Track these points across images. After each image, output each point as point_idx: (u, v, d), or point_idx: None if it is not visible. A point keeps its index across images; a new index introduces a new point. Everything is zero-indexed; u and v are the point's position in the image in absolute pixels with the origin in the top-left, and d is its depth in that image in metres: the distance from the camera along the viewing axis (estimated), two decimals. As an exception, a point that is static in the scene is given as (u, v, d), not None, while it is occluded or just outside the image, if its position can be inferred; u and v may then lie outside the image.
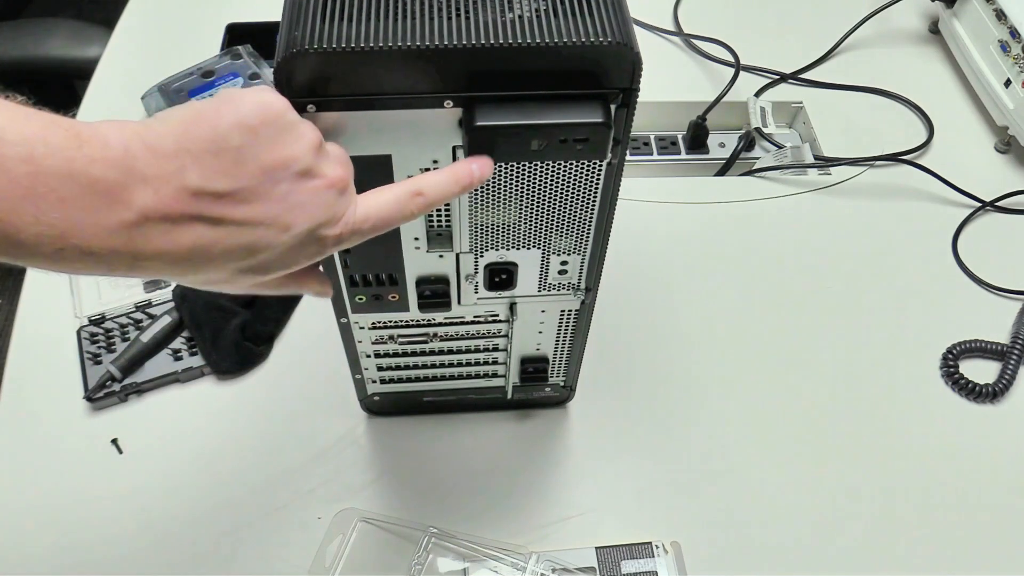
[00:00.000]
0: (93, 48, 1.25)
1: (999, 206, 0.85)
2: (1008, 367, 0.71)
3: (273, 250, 0.35)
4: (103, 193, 0.30)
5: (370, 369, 0.61)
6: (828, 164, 0.88)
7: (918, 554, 0.62)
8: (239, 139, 0.33)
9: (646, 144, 0.94)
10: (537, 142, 0.40)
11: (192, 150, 0.32)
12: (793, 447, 0.67)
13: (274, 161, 0.34)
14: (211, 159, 0.32)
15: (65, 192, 0.29)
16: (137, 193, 0.31)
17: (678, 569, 0.60)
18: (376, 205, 0.38)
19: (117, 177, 0.30)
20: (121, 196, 0.31)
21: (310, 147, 0.35)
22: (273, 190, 0.34)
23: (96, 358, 0.69)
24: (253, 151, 0.33)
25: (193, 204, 0.32)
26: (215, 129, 0.32)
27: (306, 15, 0.38)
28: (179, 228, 0.32)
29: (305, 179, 0.35)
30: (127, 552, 0.60)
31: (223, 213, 0.33)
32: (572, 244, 0.50)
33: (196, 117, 0.33)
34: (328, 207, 0.36)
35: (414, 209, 0.39)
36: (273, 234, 0.35)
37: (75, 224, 0.30)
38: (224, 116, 0.33)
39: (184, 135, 0.32)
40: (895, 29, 1.04)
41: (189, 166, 0.32)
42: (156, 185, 0.31)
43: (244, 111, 0.33)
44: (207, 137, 0.32)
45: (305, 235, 0.36)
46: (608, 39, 0.38)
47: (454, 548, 0.60)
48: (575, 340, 0.60)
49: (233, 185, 0.33)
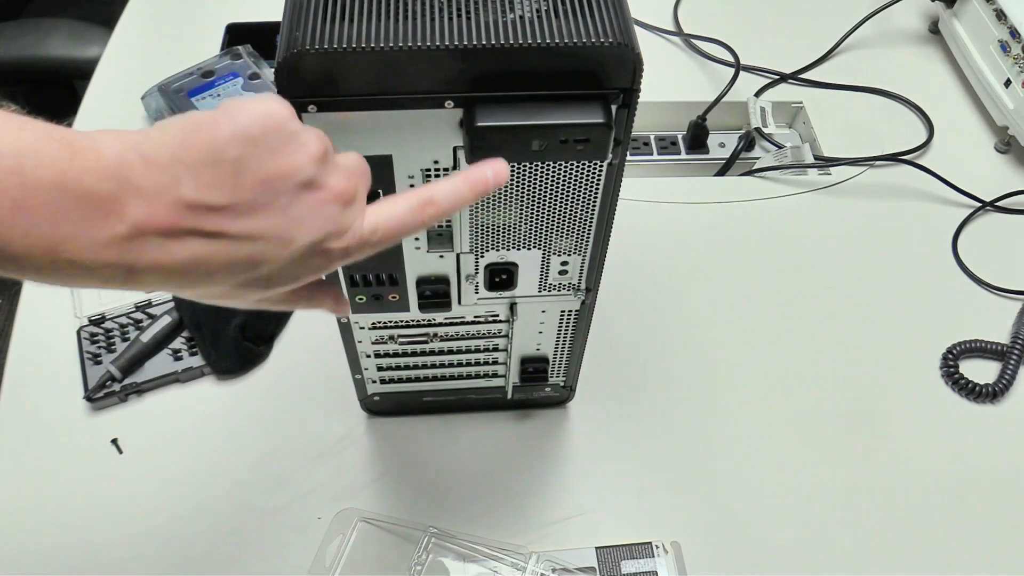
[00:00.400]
0: (93, 48, 1.25)
1: (999, 206, 0.85)
2: (1008, 367, 0.71)
3: (274, 264, 0.34)
4: (96, 205, 0.29)
5: (370, 369, 0.61)
6: (828, 164, 0.88)
7: (918, 554, 0.62)
8: (237, 150, 0.31)
9: (646, 144, 0.94)
10: (538, 142, 0.40)
11: (188, 161, 0.31)
12: (793, 447, 0.68)
13: (274, 173, 0.32)
14: (207, 171, 0.31)
15: (56, 204, 0.29)
16: (130, 205, 0.30)
17: (678, 569, 0.60)
18: (386, 216, 0.36)
19: (110, 189, 0.30)
20: (114, 208, 0.30)
21: (313, 158, 0.33)
22: (273, 203, 0.33)
23: (96, 358, 0.69)
24: (252, 163, 0.32)
25: (188, 217, 0.31)
26: (213, 140, 0.31)
27: (307, 15, 0.38)
28: (174, 242, 0.31)
29: (307, 191, 0.33)
30: (127, 552, 0.60)
31: (219, 227, 0.32)
32: (572, 244, 0.50)
33: (195, 127, 0.32)
34: (332, 220, 0.34)
35: (426, 219, 0.37)
36: (273, 248, 0.33)
37: (67, 237, 0.29)
38: (222, 126, 0.32)
39: (181, 146, 0.31)
40: (895, 29, 1.04)
41: (184, 178, 0.31)
42: (150, 197, 0.30)
43: (243, 121, 0.32)
44: (204, 148, 0.31)
45: (308, 249, 0.34)
46: (609, 39, 0.38)
47: (454, 548, 0.60)
48: (575, 340, 0.60)
49: (230, 198, 0.32)
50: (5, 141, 0.28)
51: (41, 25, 1.35)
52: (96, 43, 1.25)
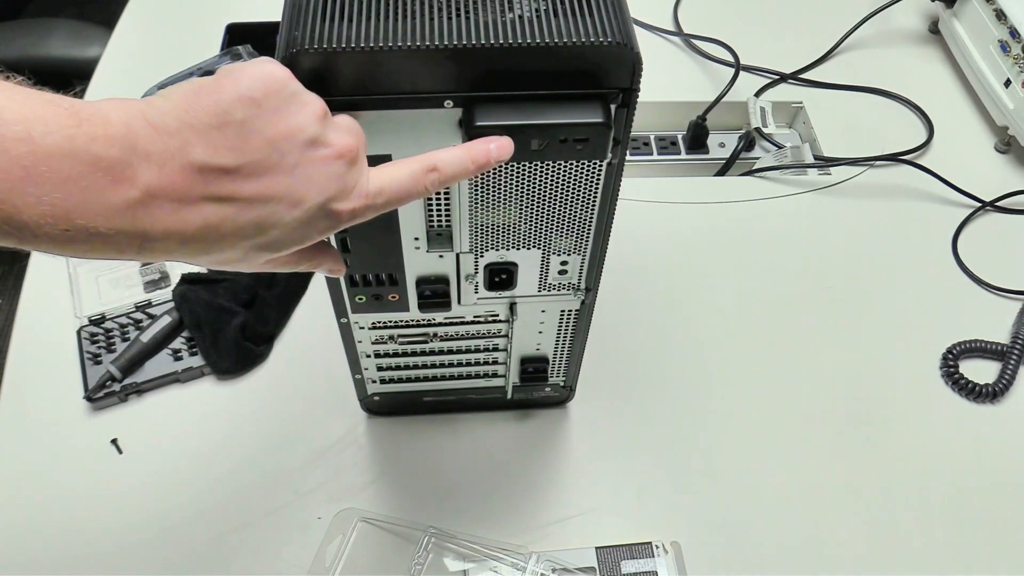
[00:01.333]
0: (93, 48, 1.25)
1: (999, 206, 0.85)
2: (1008, 367, 0.71)
3: (285, 226, 0.35)
4: (105, 171, 0.30)
5: (370, 369, 0.61)
6: (828, 164, 0.88)
7: (918, 554, 0.62)
8: (242, 112, 0.32)
9: (646, 144, 0.94)
10: (537, 142, 0.40)
11: (196, 125, 0.31)
12: (793, 447, 0.67)
13: (280, 132, 0.33)
14: (215, 134, 0.32)
15: (66, 171, 0.29)
16: (141, 171, 0.30)
17: (678, 569, 0.60)
18: (391, 178, 0.37)
19: (119, 155, 0.30)
20: (124, 174, 0.30)
21: (315, 116, 0.34)
22: (281, 162, 0.33)
23: (96, 358, 0.69)
24: (258, 123, 0.32)
25: (200, 182, 0.32)
26: (218, 103, 0.32)
27: (306, 15, 0.38)
28: (188, 208, 0.32)
29: (313, 148, 0.34)
30: (127, 552, 0.60)
31: (231, 191, 0.32)
32: (572, 244, 0.50)
33: (198, 92, 0.32)
34: (338, 178, 0.35)
35: (428, 184, 0.38)
36: (284, 209, 0.34)
37: (78, 204, 0.29)
38: (226, 90, 0.32)
39: (187, 111, 0.32)
40: (895, 29, 1.04)
41: (193, 142, 0.31)
42: (161, 162, 0.31)
43: (246, 84, 0.32)
44: (210, 111, 0.32)
45: (316, 209, 0.35)
46: (608, 39, 0.38)
47: (454, 548, 0.60)
48: (575, 340, 0.60)
49: (239, 159, 0.32)
50: (12, 109, 0.28)
51: (41, 25, 1.35)
52: (96, 43, 1.25)
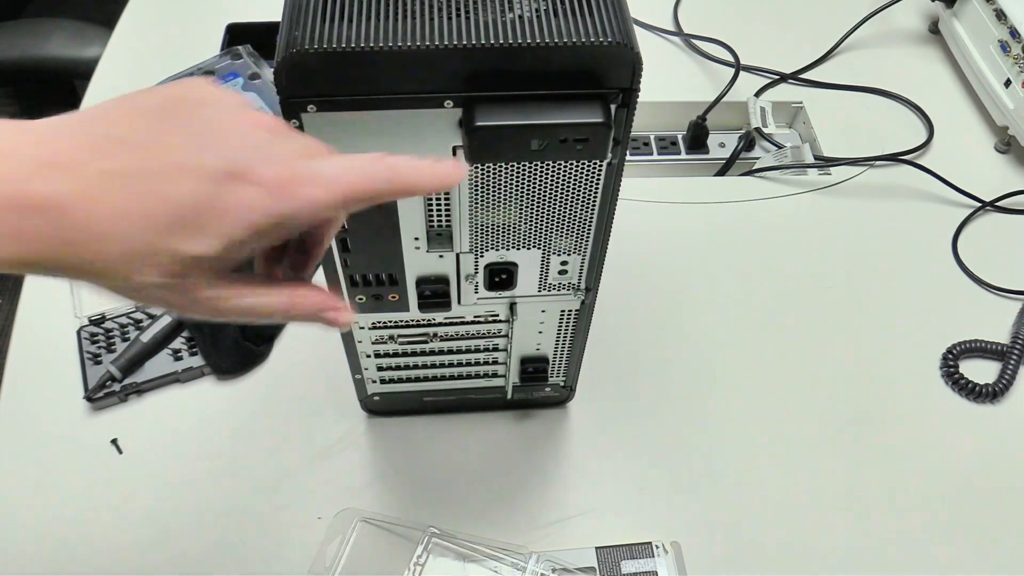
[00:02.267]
0: (93, 48, 1.25)
1: (999, 206, 0.85)
2: (1008, 367, 0.71)
3: (194, 194, 0.31)
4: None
5: (370, 369, 0.61)
6: (828, 164, 0.88)
7: (918, 554, 0.62)
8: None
9: (646, 144, 0.94)
10: (537, 142, 0.40)
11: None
12: (793, 447, 0.68)
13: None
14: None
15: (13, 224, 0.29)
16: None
17: (678, 569, 0.60)
18: (346, 158, 0.34)
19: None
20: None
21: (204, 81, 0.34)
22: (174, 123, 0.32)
23: (96, 358, 0.69)
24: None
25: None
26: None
27: (306, 15, 0.38)
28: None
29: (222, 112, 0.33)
30: (127, 552, 0.60)
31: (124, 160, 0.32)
32: (572, 244, 0.50)
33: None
34: (257, 144, 0.32)
35: (385, 166, 0.34)
36: (181, 175, 0.31)
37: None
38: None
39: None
40: (895, 29, 1.04)
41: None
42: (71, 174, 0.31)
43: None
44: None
45: (223, 173, 0.31)
46: (608, 39, 0.38)
47: (454, 548, 0.60)
48: (575, 340, 0.60)
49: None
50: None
51: (41, 25, 1.35)
52: (96, 43, 1.25)
